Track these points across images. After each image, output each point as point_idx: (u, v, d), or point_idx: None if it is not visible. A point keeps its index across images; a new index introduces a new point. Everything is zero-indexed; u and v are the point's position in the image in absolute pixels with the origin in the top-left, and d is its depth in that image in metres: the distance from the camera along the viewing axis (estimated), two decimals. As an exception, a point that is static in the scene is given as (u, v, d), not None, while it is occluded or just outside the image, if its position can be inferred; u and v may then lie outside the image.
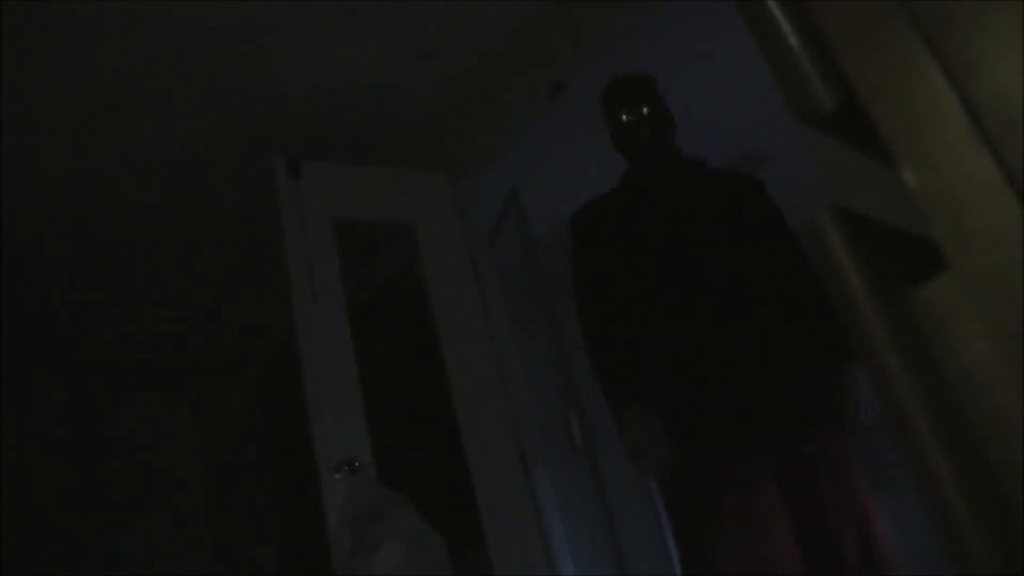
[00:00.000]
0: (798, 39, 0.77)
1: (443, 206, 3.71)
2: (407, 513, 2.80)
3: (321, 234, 3.30)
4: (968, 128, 0.63)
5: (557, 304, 3.42)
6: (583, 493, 3.32)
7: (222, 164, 3.86)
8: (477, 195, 3.73)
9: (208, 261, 4.57)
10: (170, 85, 3.36)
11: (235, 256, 4.54)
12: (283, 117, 3.67)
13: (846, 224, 0.77)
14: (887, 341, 0.72)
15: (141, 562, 5.08)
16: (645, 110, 2.62)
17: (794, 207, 2.49)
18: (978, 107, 0.63)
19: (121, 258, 4.38)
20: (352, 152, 3.71)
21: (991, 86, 0.63)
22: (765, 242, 2.49)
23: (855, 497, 2.23)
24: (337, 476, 2.87)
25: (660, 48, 3.20)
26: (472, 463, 3.34)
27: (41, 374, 5.11)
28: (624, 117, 2.64)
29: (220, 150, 3.78)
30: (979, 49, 0.63)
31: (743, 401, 2.27)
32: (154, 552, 5.15)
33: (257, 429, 5.57)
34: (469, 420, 3.38)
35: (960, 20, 0.64)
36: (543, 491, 3.35)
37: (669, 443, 2.28)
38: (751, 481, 2.21)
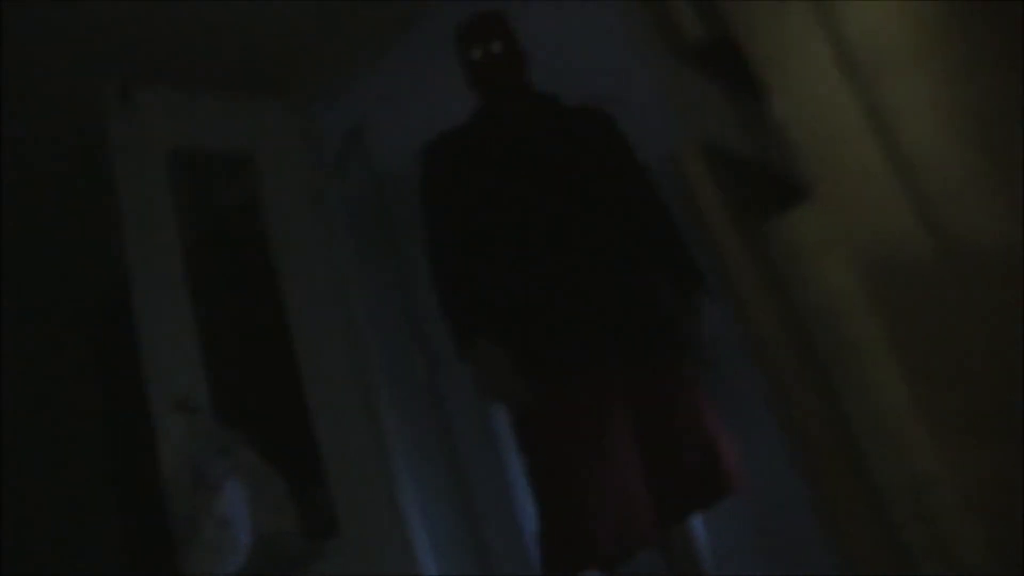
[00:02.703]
0: (672, -28, 0.77)
1: (287, 137, 3.61)
2: (247, 452, 2.76)
3: (155, 165, 3.15)
4: (838, 63, 0.65)
5: (403, 238, 3.39)
6: (428, 427, 3.33)
7: (44, 91, 3.61)
8: (325, 126, 3.65)
9: (31, 193, 4.30)
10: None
11: (61, 188, 4.29)
12: (112, 40, 3.45)
13: (708, 157, 0.79)
14: (742, 271, 0.74)
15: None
16: (498, 46, 2.60)
17: (648, 145, 2.52)
18: (848, 43, 0.65)
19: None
20: (191, 81, 3.54)
21: (861, 23, 0.64)
22: (615, 178, 2.51)
23: (704, 424, 2.28)
24: (172, 415, 2.79)
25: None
26: (314, 400, 3.30)
27: None
28: (477, 53, 2.62)
29: (42, 77, 3.54)
30: (852, -14, 0.65)
31: (592, 339, 2.30)
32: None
33: (88, 371, 5.35)
34: (311, 356, 3.34)
35: (833, -44, 0.66)
36: (388, 426, 3.35)
37: (523, 376, 2.29)
38: (602, 418, 2.24)
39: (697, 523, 2.34)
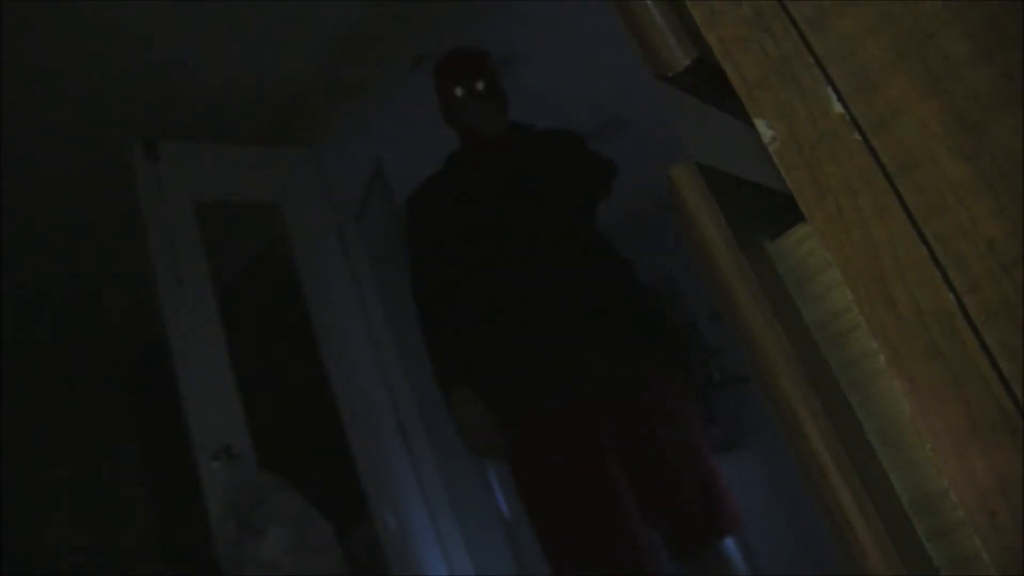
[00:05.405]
0: (653, -1, 0.77)
1: (307, 183, 3.66)
2: (290, 495, 2.77)
3: (183, 216, 3.20)
4: (818, 79, 0.64)
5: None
6: (464, 458, 3.33)
7: (78, 148, 3.68)
8: (343, 170, 3.67)
9: (65, 251, 4.38)
10: (19, 66, 3.18)
11: (95, 244, 4.36)
12: (138, 98, 3.51)
13: (703, 179, 0.78)
14: (745, 293, 0.73)
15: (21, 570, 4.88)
16: (480, 86, 2.53)
17: (654, 169, 2.50)
18: (826, 59, 0.64)
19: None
20: (211, 132, 3.59)
21: (838, 38, 0.64)
22: (584, 197, 2.49)
23: (694, 449, 2.27)
24: (215, 464, 2.81)
25: (518, 16, 3.19)
26: (352, 438, 3.32)
27: None
28: (458, 92, 2.54)
29: (75, 134, 3.60)
30: (825, 2, 0.64)
31: (569, 368, 2.28)
32: (34, 557, 4.95)
33: (130, 422, 5.40)
34: (346, 396, 3.36)
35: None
36: (424, 460, 3.35)
37: (496, 421, 2.31)
38: (583, 448, 2.24)
39: (730, 543, 2.26)
